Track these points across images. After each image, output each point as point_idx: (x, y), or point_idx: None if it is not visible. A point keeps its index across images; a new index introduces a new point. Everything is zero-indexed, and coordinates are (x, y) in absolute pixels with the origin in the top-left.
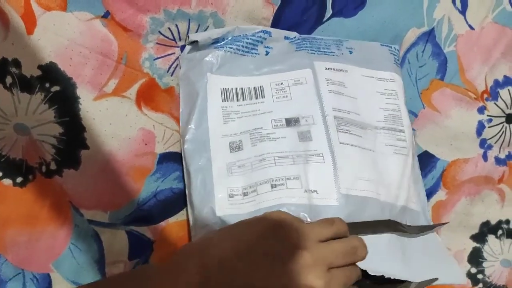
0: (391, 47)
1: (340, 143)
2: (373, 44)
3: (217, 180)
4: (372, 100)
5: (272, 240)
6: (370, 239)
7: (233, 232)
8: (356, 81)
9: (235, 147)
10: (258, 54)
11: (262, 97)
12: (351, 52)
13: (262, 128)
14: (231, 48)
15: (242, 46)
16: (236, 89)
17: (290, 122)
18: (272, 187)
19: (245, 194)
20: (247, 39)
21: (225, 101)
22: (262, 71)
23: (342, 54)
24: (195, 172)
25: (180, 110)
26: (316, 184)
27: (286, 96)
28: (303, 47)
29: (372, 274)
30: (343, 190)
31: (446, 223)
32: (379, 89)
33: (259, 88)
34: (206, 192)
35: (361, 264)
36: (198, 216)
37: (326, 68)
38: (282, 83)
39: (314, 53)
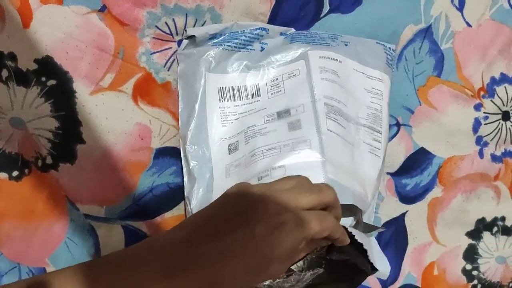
0: (385, 46)
1: (328, 130)
2: (369, 41)
3: (216, 185)
4: (359, 95)
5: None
6: None
7: (199, 213)
8: (348, 73)
9: (233, 149)
10: (254, 50)
11: (258, 96)
12: (346, 45)
13: (255, 125)
14: (229, 46)
15: (239, 43)
16: (232, 88)
17: (281, 114)
18: (258, 179)
19: None
20: (245, 36)
21: (222, 101)
22: (257, 66)
23: (338, 45)
24: (197, 180)
25: (180, 109)
26: (302, 170)
27: (280, 91)
28: (298, 39)
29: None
30: (329, 174)
31: (384, 229)
32: (366, 86)
33: (255, 87)
34: (206, 198)
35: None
36: None
37: (320, 57)
38: (276, 79)
39: (309, 44)
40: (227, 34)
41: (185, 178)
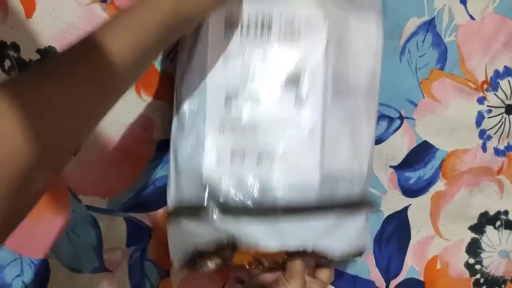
0: None
1: (331, 116)
2: None
3: (208, 138)
4: (359, 58)
5: None
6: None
7: None
8: (351, 34)
9: (229, 99)
10: None
11: (268, 35)
12: None
13: (261, 83)
14: None
15: None
16: (242, 19)
17: (291, 80)
18: (258, 161)
19: (232, 160)
20: None
21: (228, 33)
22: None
23: None
24: (187, 130)
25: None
26: (301, 164)
27: (293, 33)
28: None
29: None
30: (324, 170)
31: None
32: (365, 47)
33: (267, 19)
34: (195, 153)
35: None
36: (182, 173)
37: (334, 13)
38: (293, 22)
39: None
40: None
41: (174, 125)
